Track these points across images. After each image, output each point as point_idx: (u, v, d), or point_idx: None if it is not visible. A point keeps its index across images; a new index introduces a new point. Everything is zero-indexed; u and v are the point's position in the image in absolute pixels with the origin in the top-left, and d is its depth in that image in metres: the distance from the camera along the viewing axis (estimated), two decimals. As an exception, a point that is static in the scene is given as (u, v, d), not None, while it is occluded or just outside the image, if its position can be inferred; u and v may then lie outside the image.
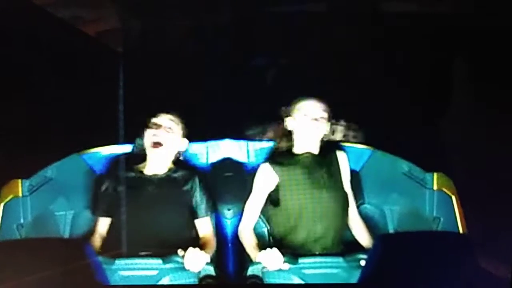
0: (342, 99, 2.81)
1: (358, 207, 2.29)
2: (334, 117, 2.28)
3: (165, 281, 1.89)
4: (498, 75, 2.48)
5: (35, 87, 2.75)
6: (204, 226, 2.19)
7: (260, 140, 2.51)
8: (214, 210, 2.24)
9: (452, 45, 2.80)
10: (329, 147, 2.25)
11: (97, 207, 2.19)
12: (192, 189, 2.19)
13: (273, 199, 2.19)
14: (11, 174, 2.19)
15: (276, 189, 2.18)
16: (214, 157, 2.39)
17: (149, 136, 2.17)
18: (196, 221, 2.19)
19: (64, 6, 2.96)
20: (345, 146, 2.37)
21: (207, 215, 2.20)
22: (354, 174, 2.34)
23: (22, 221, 2.14)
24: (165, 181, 2.18)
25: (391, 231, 2.23)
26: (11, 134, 2.48)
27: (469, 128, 2.60)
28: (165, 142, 2.16)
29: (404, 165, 2.23)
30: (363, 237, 2.19)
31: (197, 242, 2.11)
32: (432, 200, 2.12)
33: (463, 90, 2.72)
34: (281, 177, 2.17)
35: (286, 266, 1.90)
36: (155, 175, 2.18)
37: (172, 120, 2.20)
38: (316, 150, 2.22)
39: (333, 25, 3.03)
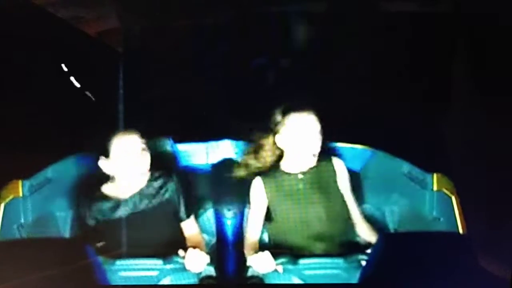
0: (341, 100, 2.81)
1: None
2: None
3: (165, 281, 1.89)
4: (499, 75, 2.48)
5: (35, 87, 2.75)
6: (189, 229, 2.17)
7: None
8: (197, 208, 2.22)
9: (452, 44, 2.80)
10: (324, 155, 2.16)
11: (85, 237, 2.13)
12: (170, 194, 2.14)
13: (267, 213, 2.16)
14: (11, 174, 2.19)
15: (269, 205, 2.15)
16: (214, 158, 2.39)
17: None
18: (182, 225, 2.17)
19: (64, 6, 2.96)
20: (345, 146, 2.37)
21: (188, 218, 2.17)
22: (354, 174, 2.34)
23: (22, 221, 2.13)
24: (145, 196, 2.12)
25: (391, 231, 2.23)
26: (11, 134, 2.48)
27: (469, 129, 2.60)
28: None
29: (404, 166, 2.22)
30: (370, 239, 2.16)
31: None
32: (432, 201, 2.12)
33: (464, 90, 2.72)
34: (270, 197, 2.13)
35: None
36: (134, 194, 2.11)
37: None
38: (307, 166, 2.14)
39: (333, 25, 3.03)
